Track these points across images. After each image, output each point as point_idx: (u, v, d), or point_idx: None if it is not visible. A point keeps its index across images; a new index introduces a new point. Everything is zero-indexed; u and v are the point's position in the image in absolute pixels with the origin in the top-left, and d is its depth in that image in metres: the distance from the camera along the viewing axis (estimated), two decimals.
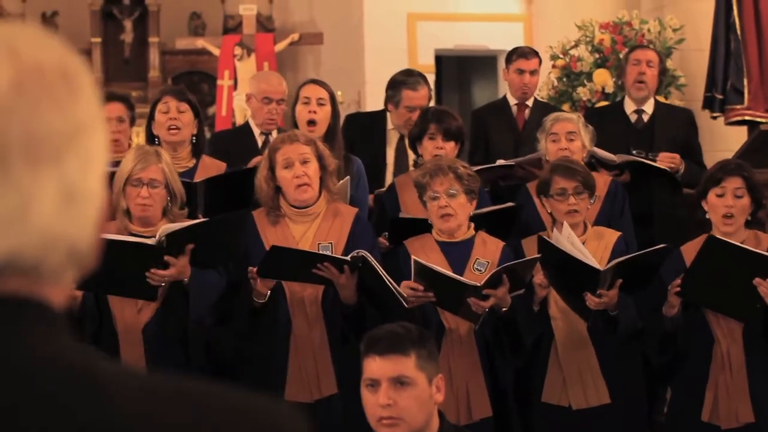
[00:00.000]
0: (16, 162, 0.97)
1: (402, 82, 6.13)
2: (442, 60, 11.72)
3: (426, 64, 10.76)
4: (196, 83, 11.62)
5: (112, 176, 4.53)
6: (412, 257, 4.45)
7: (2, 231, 0.97)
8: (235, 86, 10.13)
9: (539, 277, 4.67)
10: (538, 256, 4.56)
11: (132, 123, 5.96)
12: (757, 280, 4.39)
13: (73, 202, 1.00)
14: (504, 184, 5.82)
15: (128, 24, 11.54)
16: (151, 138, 5.38)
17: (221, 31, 11.56)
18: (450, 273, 4.46)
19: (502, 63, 11.53)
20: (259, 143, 6.05)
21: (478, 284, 4.36)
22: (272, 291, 4.50)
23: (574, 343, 4.79)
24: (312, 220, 4.68)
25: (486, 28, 11.07)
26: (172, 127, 5.27)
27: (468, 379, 4.56)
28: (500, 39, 11.05)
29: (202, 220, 4.45)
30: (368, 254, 4.43)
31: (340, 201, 4.83)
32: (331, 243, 4.63)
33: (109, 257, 4.17)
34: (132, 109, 5.91)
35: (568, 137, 5.50)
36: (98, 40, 11.44)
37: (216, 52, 10.42)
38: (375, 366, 3.24)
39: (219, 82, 10.22)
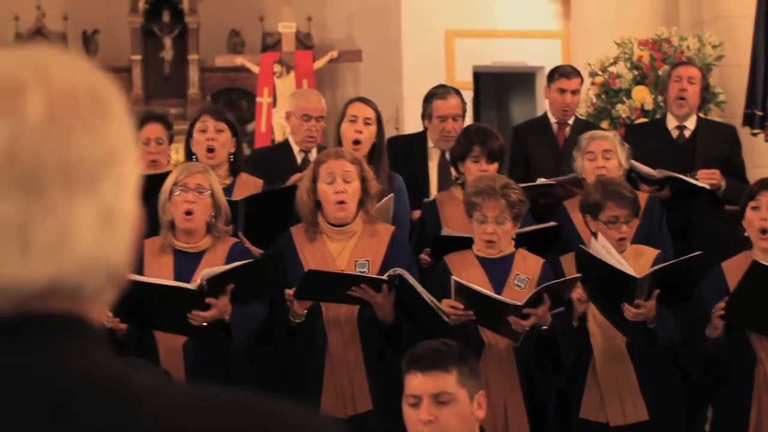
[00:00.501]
0: (53, 189, 0.98)
1: (432, 94, 6.19)
2: (480, 77, 11.73)
3: (464, 80, 10.78)
4: (235, 100, 11.70)
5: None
6: (452, 277, 4.47)
7: (44, 258, 0.98)
8: (274, 103, 10.20)
9: (578, 291, 4.67)
10: (579, 276, 4.56)
11: (170, 142, 6.00)
12: None
13: (110, 224, 1.01)
14: (543, 202, 5.83)
15: (168, 41, 11.64)
16: (189, 155, 5.43)
17: (260, 48, 11.63)
18: (490, 293, 4.47)
19: (540, 79, 11.68)
20: (299, 160, 6.08)
21: (519, 303, 4.37)
22: (308, 309, 4.52)
23: (612, 358, 4.78)
24: (349, 238, 4.71)
25: (524, 45, 11.08)
26: (209, 149, 5.30)
27: (506, 395, 4.57)
28: (538, 55, 11.07)
29: (243, 262, 4.42)
30: (405, 272, 4.44)
31: (378, 222, 4.84)
32: (367, 261, 4.65)
33: (152, 299, 4.26)
34: (170, 128, 5.95)
35: (605, 155, 5.49)
36: (138, 57, 11.54)
37: (255, 69, 10.49)
38: (417, 382, 3.25)
39: (258, 99, 10.29)
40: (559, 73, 6.56)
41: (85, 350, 1.01)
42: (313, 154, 6.07)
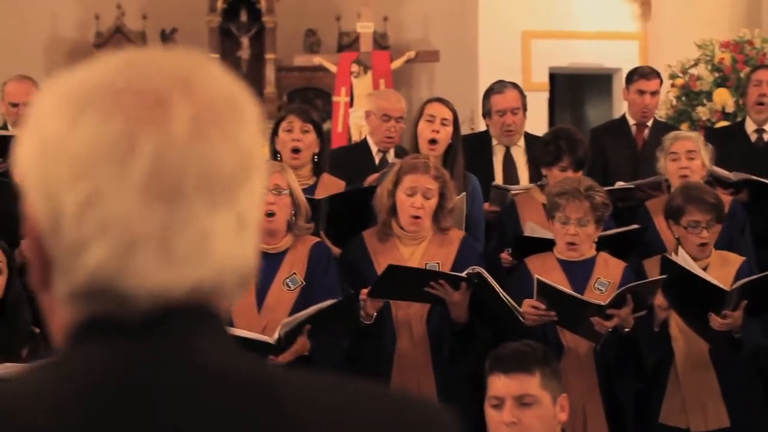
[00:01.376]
0: (194, 198, 0.99)
1: (489, 90, 6.18)
2: (555, 78, 11.68)
3: (540, 81, 10.76)
4: (311, 99, 11.75)
5: None
6: (536, 277, 4.46)
7: (185, 267, 1.00)
8: (351, 103, 10.23)
9: (660, 299, 4.64)
10: (664, 276, 4.53)
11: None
12: None
13: (243, 231, 1.03)
14: (622, 206, 5.79)
15: (245, 41, 11.72)
16: (273, 154, 5.46)
17: (336, 48, 11.67)
18: (574, 293, 4.46)
19: (617, 81, 11.61)
20: (377, 161, 6.10)
21: (603, 303, 4.35)
22: (378, 311, 4.53)
23: (695, 364, 4.73)
24: (420, 242, 4.73)
25: (601, 46, 11.02)
26: (295, 149, 5.33)
27: (586, 399, 4.55)
28: (615, 57, 11.00)
29: (316, 309, 4.40)
30: (484, 271, 4.45)
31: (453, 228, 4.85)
32: (438, 263, 4.66)
33: None
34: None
35: (688, 156, 5.45)
36: (216, 56, 11.63)
37: (333, 69, 10.54)
38: (500, 384, 3.25)
39: (335, 98, 10.34)
40: (638, 74, 6.52)
41: (222, 344, 1.04)
42: (391, 155, 6.10)
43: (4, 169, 5.70)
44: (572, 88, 12.69)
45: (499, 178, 6.03)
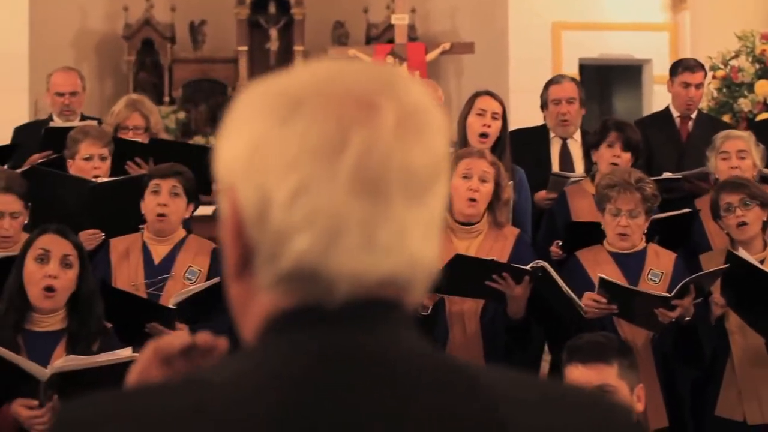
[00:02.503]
0: (395, 196, 1.06)
1: (549, 81, 6.23)
2: (583, 69, 11.67)
3: (570, 72, 10.67)
4: None
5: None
6: (599, 275, 4.47)
7: (384, 256, 1.06)
8: None
9: (717, 296, 4.65)
10: (726, 266, 4.54)
11: None
12: None
13: (431, 231, 1.10)
14: (667, 197, 5.80)
15: (274, 33, 11.73)
16: None
17: (364, 40, 11.68)
18: (639, 288, 4.48)
19: (646, 72, 11.60)
20: None
21: (668, 295, 4.37)
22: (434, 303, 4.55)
23: (752, 358, 4.74)
24: (475, 236, 4.73)
25: (631, 37, 11.01)
26: None
27: (645, 389, 4.55)
28: (645, 48, 10.99)
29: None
30: (548, 265, 4.46)
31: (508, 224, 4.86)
32: (493, 258, 4.67)
33: None
34: None
35: (739, 155, 5.46)
36: (245, 48, 11.65)
37: (368, 61, 10.56)
38: (578, 374, 3.27)
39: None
40: (683, 66, 6.51)
41: (411, 334, 1.10)
42: None
43: (51, 160, 5.73)
44: (600, 80, 12.66)
45: (555, 170, 6.05)
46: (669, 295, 4.38)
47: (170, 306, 4.43)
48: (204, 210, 5.75)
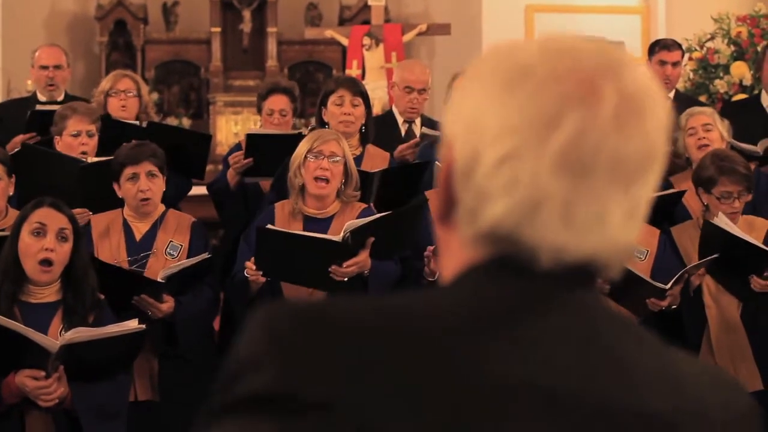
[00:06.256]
0: (600, 178, 1.08)
1: None
2: None
3: None
4: (312, 73, 11.77)
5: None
6: None
7: (584, 234, 1.09)
8: (362, 76, 10.26)
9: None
10: (716, 256, 4.65)
11: (295, 114, 6.06)
12: None
13: (634, 216, 1.12)
14: None
15: (247, 14, 11.69)
16: (321, 125, 5.52)
17: (337, 21, 11.68)
18: (641, 275, 4.56)
19: None
20: (402, 132, 6.18)
21: (666, 287, 4.47)
22: None
23: (727, 329, 4.85)
24: None
25: (603, 20, 11.06)
26: (345, 121, 5.41)
27: None
28: (618, 31, 11.02)
29: (385, 213, 4.58)
30: None
31: None
32: None
33: (296, 250, 4.39)
34: (295, 100, 6.00)
35: (705, 128, 5.56)
36: (218, 29, 11.61)
37: (345, 42, 10.55)
38: None
39: (347, 71, 10.33)
40: (659, 45, 6.61)
41: (605, 300, 1.18)
42: (417, 125, 6.18)
43: (38, 141, 5.73)
44: None
45: None
46: (667, 287, 4.49)
47: (159, 280, 4.48)
48: (196, 190, 5.80)
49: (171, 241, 4.82)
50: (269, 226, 4.55)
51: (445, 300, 1.10)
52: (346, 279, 4.44)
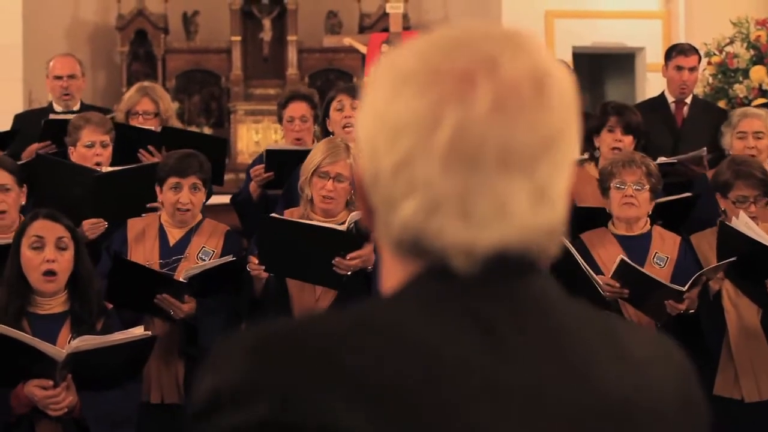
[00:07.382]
0: (491, 168, 1.08)
1: None
2: (576, 58, 11.69)
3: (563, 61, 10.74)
4: (332, 81, 11.76)
5: None
6: (620, 256, 4.53)
7: (484, 227, 1.09)
8: None
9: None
10: (733, 259, 4.61)
11: (315, 120, 6.06)
12: None
13: (543, 200, 1.10)
14: (665, 182, 5.83)
15: (267, 23, 11.72)
16: (326, 134, 5.55)
17: (357, 29, 11.68)
18: (657, 277, 4.54)
19: (639, 61, 11.62)
20: None
21: (683, 289, 4.44)
22: None
23: (747, 335, 4.80)
24: None
25: (624, 26, 11.03)
26: (347, 125, 5.43)
27: None
28: (638, 36, 11.01)
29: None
30: (567, 242, 4.50)
31: None
32: None
33: (299, 239, 4.39)
34: (315, 107, 5.99)
35: (756, 135, 5.52)
36: (238, 38, 11.64)
37: (363, 49, 10.55)
38: None
39: (366, 79, 10.35)
40: (676, 50, 6.57)
41: (546, 284, 1.14)
42: None
43: (53, 151, 5.74)
44: (593, 69, 12.70)
45: None
46: (683, 289, 4.46)
47: (181, 280, 4.49)
48: (217, 199, 5.81)
49: (204, 246, 4.87)
50: (273, 214, 4.58)
51: (401, 315, 1.10)
52: (349, 273, 4.43)
